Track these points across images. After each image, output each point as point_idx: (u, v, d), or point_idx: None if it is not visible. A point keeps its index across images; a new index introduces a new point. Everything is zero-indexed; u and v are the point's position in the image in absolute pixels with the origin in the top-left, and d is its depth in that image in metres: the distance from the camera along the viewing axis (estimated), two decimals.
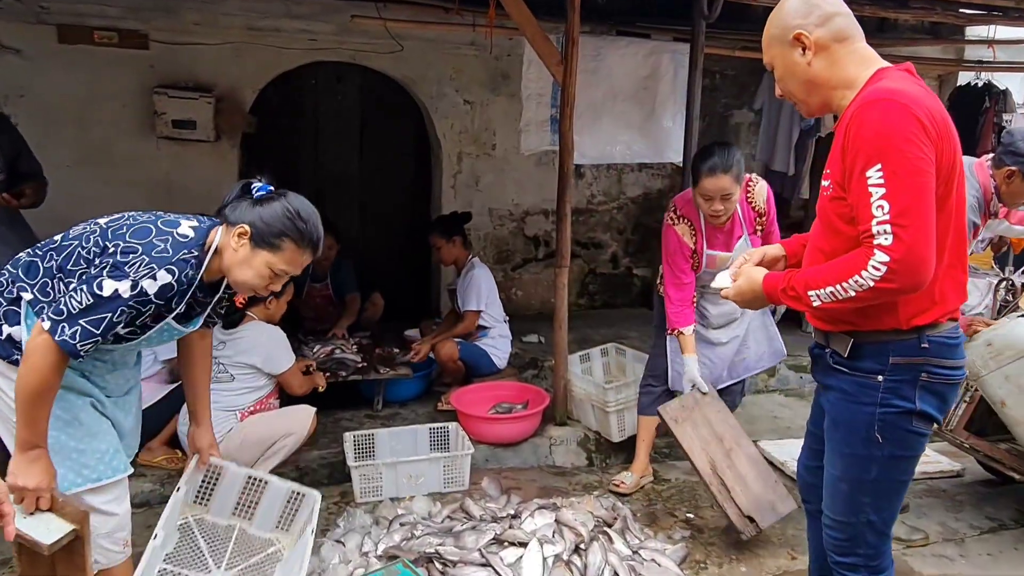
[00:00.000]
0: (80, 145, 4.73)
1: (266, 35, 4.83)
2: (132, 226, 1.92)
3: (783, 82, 1.84)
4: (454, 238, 4.36)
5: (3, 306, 1.97)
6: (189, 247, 1.91)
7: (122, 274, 1.82)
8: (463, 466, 3.40)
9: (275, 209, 1.98)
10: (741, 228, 3.13)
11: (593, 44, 4.26)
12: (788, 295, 1.78)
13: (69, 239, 1.96)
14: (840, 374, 1.86)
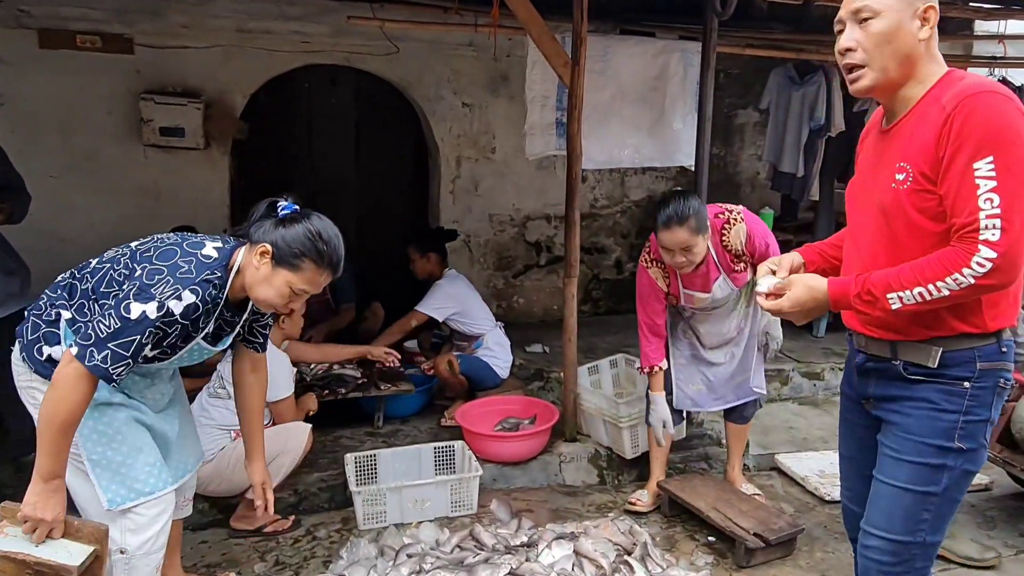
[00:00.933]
0: (64, 153, 4.55)
1: (257, 37, 4.66)
2: (159, 248, 2.00)
3: (876, 41, 1.65)
4: (428, 254, 4.23)
5: (42, 327, 2.03)
6: (212, 268, 1.97)
7: (148, 296, 1.87)
8: (471, 489, 3.23)
9: (297, 230, 2.03)
10: (717, 271, 3.03)
11: (600, 44, 4.10)
12: (863, 300, 1.65)
13: (103, 262, 2.05)
14: (919, 384, 1.74)
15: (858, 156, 1.94)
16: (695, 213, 2.81)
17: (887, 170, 1.72)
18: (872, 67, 1.67)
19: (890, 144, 1.74)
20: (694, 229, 2.80)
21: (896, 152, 1.70)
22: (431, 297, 4.13)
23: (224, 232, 4.90)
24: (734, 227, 2.96)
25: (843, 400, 2.01)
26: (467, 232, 5.38)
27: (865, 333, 1.81)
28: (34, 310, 2.07)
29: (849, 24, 1.69)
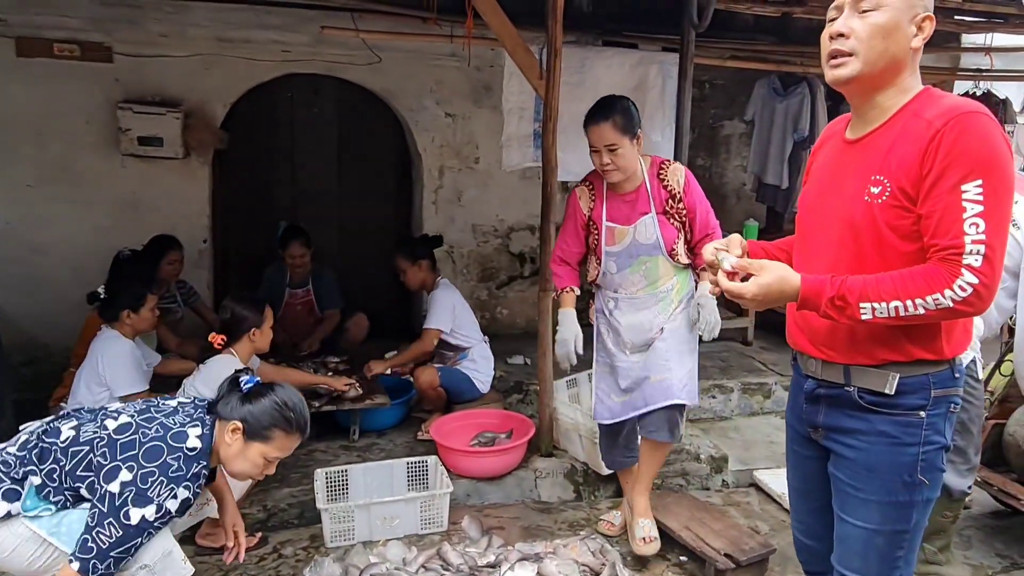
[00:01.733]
0: (40, 163, 4.51)
1: (237, 47, 4.63)
2: (144, 444, 2.06)
3: (872, 33, 1.60)
4: (420, 261, 4.16)
5: (5, 483, 2.08)
6: (199, 459, 2.11)
7: (146, 500, 1.99)
8: (442, 506, 3.18)
9: (263, 404, 2.19)
10: (648, 205, 2.88)
11: (578, 55, 4.07)
12: (834, 304, 1.57)
13: (79, 443, 2.08)
14: (875, 414, 1.68)
15: (812, 166, 1.89)
16: (623, 112, 2.76)
17: (857, 182, 1.66)
18: (859, 59, 1.62)
19: (860, 155, 1.68)
20: (620, 127, 2.74)
21: (870, 164, 1.64)
22: (436, 310, 4.07)
23: (204, 242, 4.90)
24: (672, 166, 2.93)
25: (788, 430, 1.96)
26: (450, 243, 5.34)
27: (817, 356, 1.75)
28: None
29: (848, 11, 1.64)
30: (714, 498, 3.63)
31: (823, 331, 1.73)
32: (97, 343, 3.39)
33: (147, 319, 3.42)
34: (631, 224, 2.90)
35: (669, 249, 2.91)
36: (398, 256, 4.24)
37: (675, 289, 2.97)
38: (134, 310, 3.36)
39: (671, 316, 2.96)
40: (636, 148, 2.84)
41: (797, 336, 1.81)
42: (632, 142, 2.81)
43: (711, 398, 4.55)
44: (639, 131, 2.84)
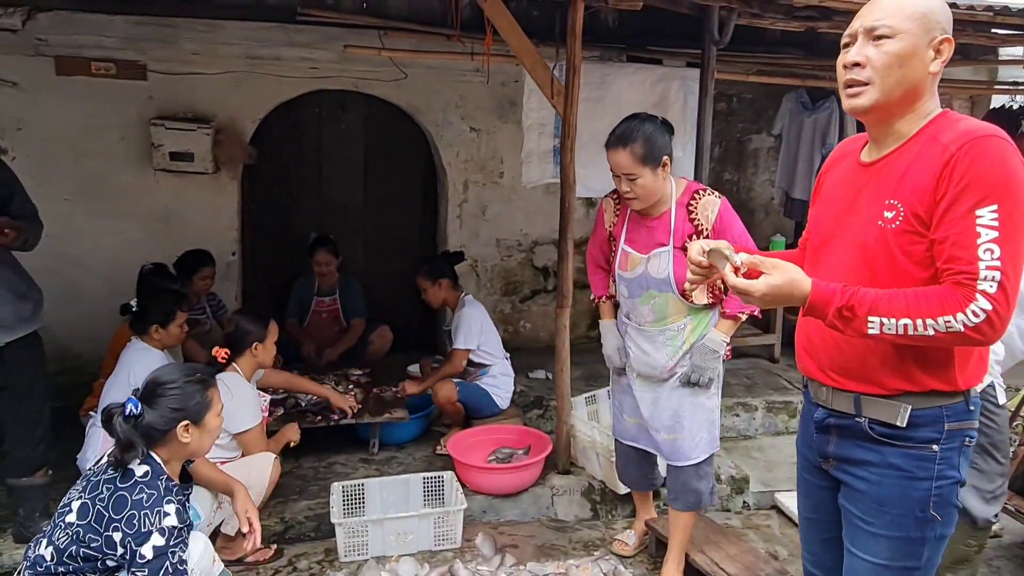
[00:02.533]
0: (77, 178, 4.65)
1: (266, 64, 4.73)
2: (108, 505, 2.14)
3: (887, 62, 1.56)
4: (440, 280, 4.18)
5: None
6: (157, 476, 2.19)
7: (146, 536, 2.10)
8: (456, 522, 3.18)
9: (174, 395, 2.27)
10: (667, 236, 2.68)
11: (599, 71, 4.07)
12: (841, 315, 1.52)
13: (66, 548, 2.14)
14: (886, 446, 1.64)
15: (823, 187, 1.85)
16: (645, 139, 2.57)
17: (872, 207, 1.62)
18: (876, 87, 1.58)
19: (875, 179, 1.65)
20: (639, 157, 2.57)
21: (885, 188, 1.61)
22: (464, 329, 4.08)
23: (232, 255, 4.99)
24: (705, 198, 2.66)
25: (799, 458, 1.92)
26: (474, 257, 5.37)
27: (827, 383, 1.71)
28: None
29: (862, 39, 1.60)
30: (733, 520, 3.57)
31: (833, 357, 1.69)
32: (127, 354, 3.46)
33: (175, 335, 3.50)
34: (646, 254, 2.75)
35: (680, 288, 2.69)
36: (418, 276, 4.26)
37: (687, 329, 2.76)
38: (163, 325, 3.43)
39: (680, 360, 2.78)
40: (662, 175, 2.65)
41: (806, 362, 1.78)
42: (655, 171, 2.62)
43: (735, 416, 4.49)
44: (665, 158, 2.64)
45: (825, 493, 1.82)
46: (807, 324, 1.76)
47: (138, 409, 2.20)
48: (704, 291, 2.72)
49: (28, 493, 3.08)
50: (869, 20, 1.60)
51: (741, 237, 2.64)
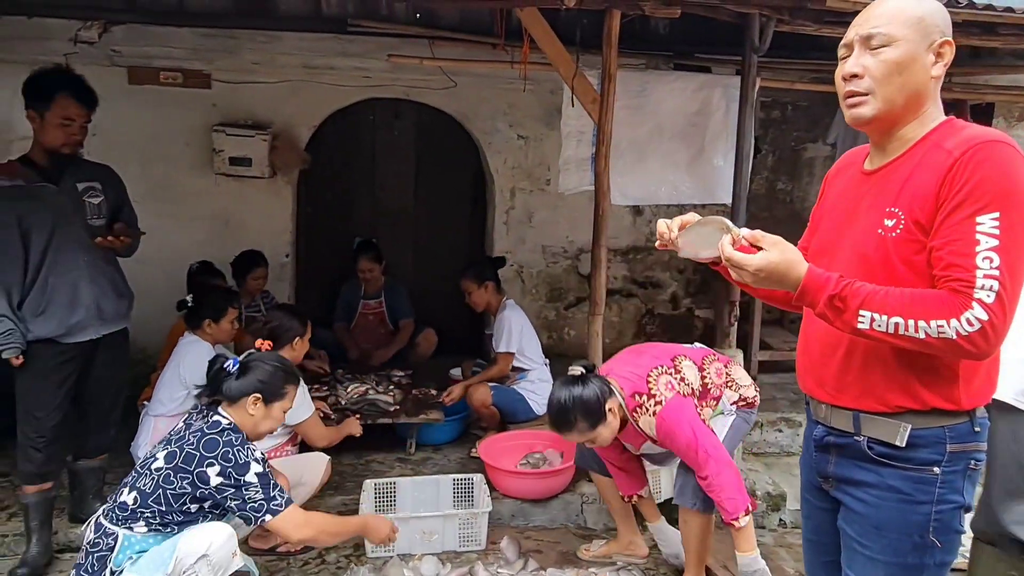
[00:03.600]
0: (146, 181, 4.90)
1: (321, 73, 4.90)
2: (197, 446, 2.36)
3: (886, 70, 1.52)
4: (486, 283, 4.24)
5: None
6: (237, 430, 2.45)
7: (244, 463, 2.35)
8: (480, 525, 3.23)
9: (267, 371, 2.54)
10: (642, 437, 2.79)
11: (638, 79, 4.06)
12: (833, 304, 1.47)
13: (151, 493, 2.33)
14: (885, 467, 1.59)
15: (825, 196, 1.81)
16: (581, 416, 2.61)
17: (872, 215, 1.58)
18: (877, 97, 1.54)
19: (877, 187, 1.61)
20: (583, 430, 2.64)
21: (886, 196, 1.57)
22: (506, 333, 4.15)
23: (286, 257, 5.19)
24: (642, 417, 2.70)
25: (801, 477, 1.87)
26: (520, 263, 5.42)
27: (827, 401, 1.67)
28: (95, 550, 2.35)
29: (858, 49, 1.57)
30: (766, 537, 3.49)
31: (832, 372, 1.65)
32: (180, 347, 3.65)
33: (226, 330, 3.66)
34: (638, 449, 2.94)
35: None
36: (464, 278, 4.33)
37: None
38: (215, 320, 3.60)
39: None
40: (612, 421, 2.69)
41: (806, 378, 1.74)
42: (606, 425, 2.66)
43: (777, 431, 4.38)
44: (608, 406, 2.65)
45: (826, 515, 1.77)
46: (807, 339, 1.73)
47: (235, 367, 2.50)
48: (728, 399, 2.86)
49: (87, 475, 3.28)
50: (865, 28, 1.56)
51: (686, 450, 2.66)
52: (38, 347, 2.92)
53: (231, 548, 2.40)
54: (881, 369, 1.57)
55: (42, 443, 2.97)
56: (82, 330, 3.00)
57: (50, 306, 2.92)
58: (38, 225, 2.90)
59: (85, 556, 2.37)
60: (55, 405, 2.98)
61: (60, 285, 2.94)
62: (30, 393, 2.97)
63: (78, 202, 3.01)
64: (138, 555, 2.32)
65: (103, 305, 3.06)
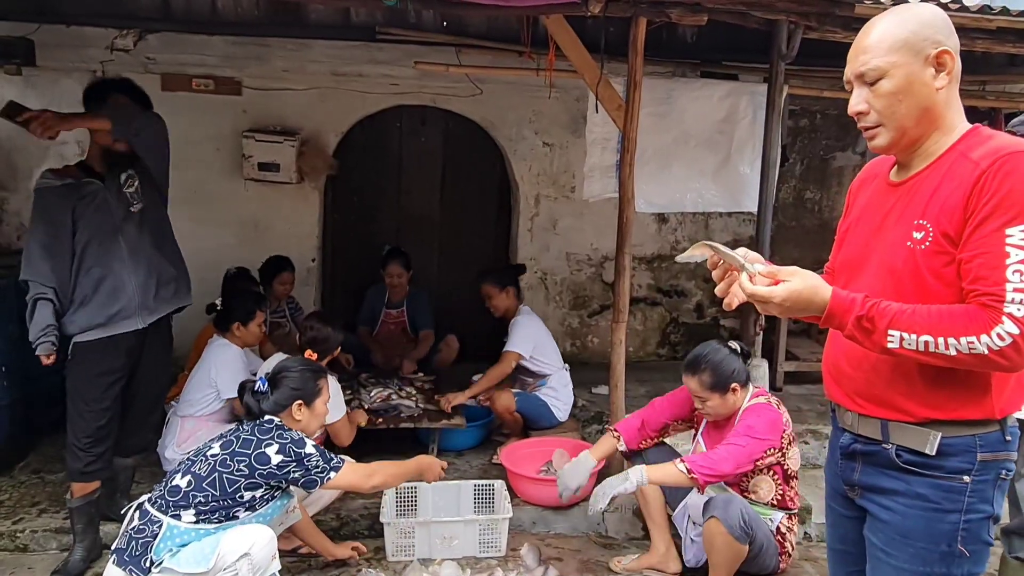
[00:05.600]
0: (177, 186, 4.88)
1: (350, 80, 4.96)
2: (253, 432, 2.57)
3: (887, 102, 1.51)
4: (507, 288, 4.24)
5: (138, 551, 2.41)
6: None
7: (301, 440, 2.55)
8: (500, 531, 3.22)
9: (296, 376, 2.71)
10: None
11: (664, 86, 4.05)
12: (861, 326, 1.46)
13: (207, 477, 2.45)
14: (914, 475, 1.57)
15: (852, 207, 1.79)
16: (713, 368, 2.87)
17: (900, 227, 1.57)
18: (888, 127, 1.54)
19: (904, 199, 1.59)
20: (707, 385, 2.88)
21: (913, 208, 1.55)
22: (518, 335, 4.14)
23: (312, 261, 5.24)
24: (756, 400, 2.93)
25: (826, 486, 1.85)
26: (544, 270, 5.42)
27: (853, 409, 1.65)
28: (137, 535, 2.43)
29: (856, 86, 1.57)
30: None
31: (859, 382, 1.63)
32: (209, 350, 3.71)
33: (254, 333, 3.71)
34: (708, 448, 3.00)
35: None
36: (486, 283, 4.33)
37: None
38: (243, 323, 3.65)
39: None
40: (731, 399, 2.92)
41: (831, 386, 1.72)
42: (723, 397, 2.91)
43: (803, 443, 4.30)
44: (733, 385, 2.90)
45: (851, 523, 1.75)
46: (834, 349, 1.71)
47: (265, 387, 2.64)
48: (772, 490, 2.93)
49: (120, 473, 3.34)
50: (856, 67, 1.56)
51: (743, 427, 2.84)
52: (88, 345, 2.98)
53: (271, 550, 2.45)
54: (910, 379, 1.55)
55: (88, 443, 3.02)
56: (126, 319, 3.04)
57: (94, 297, 2.99)
58: (84, 220, 2.99)
59: (128, 542, 2.41)
60: (104, 406, 3.03)
61: (105, 277, 3.00)
62: (79, 392, 3.02)
63: (120, 194, 3.09)
64: (179, 548, 2.37)
65: (147, 292, 3.11)
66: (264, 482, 2.47)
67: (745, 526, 2.71)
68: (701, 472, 2.69)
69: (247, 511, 2.47)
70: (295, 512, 2.92)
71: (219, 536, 2.39)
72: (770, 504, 2.94)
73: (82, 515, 3.09)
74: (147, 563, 2.35)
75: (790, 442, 2.94)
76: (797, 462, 2.98)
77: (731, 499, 2.79)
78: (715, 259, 1.61)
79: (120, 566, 2.38)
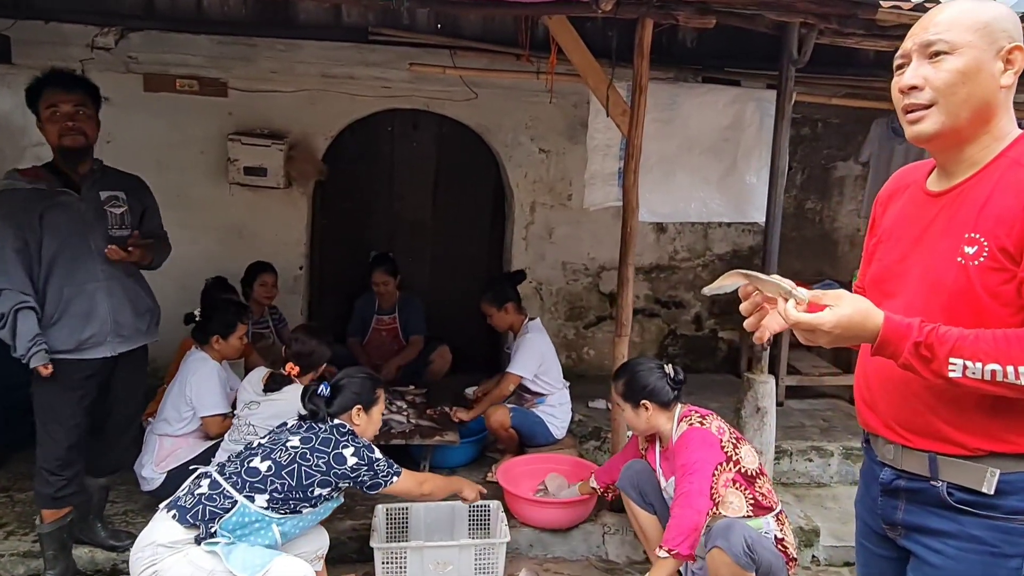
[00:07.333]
0: (160, 190, 4.67)
1: (340, 82, 4.80)
2: (331, 432, 2.67)
3: (950, 80, 1.39)
4: (506, 305, 4.07)
5: (199, 518, 2.43)
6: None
7: (370, 447, 2.71)
8: (498, 556, 3.06)
9: (357, 383, 2.82)
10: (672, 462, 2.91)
11: (669, 92, 3.92)
12: (919, 354, 1.33)
13: (286, 466, 2.54)
14: (967, 515, 1.42)
15: (881, 222, 1.65)
16: (629, 379, 2.95)
17: (946, 241, 1.43)
18: (940, 110, 1.41)
19: (948, 210, 1.46)
20: (619, 392, 2.98)
21: (962, 220, 1.42)
22: (523, 356, 3.97)
23: (300, 269, 5.07)
24: (682, 423, 2.88)
25: (858, 522, 1.70)
26: (539, 279, 5.28)
27: (895, 440, 1.50)
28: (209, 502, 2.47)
29: (916, 59, 1.44)
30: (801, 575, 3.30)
31: (898, 409, 1.49)
32: (186, 363, 3.53)
33: (235, 347, 3.54)
34: (667, 480, 2.94)
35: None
36: (483, 302, 4.17)
37: None
38: (223, 336, 3.47)
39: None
40: (644, 415, 2.93)
41: (866, 415, 1.58)
42: (637, 412, 2.94)
43: (807, 461, 4.19)
44: (643, 401, 2.91)
45: (889, 565, 1.60)
46: (865, 370, 1.57)
47: (327, 392, 2.73)
48: (743, 502, 2.77)
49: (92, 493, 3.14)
50: (924, 36, 1.42)
51: (681, 468, 2.74)
52: (55, 364, 2.77)
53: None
54: (960, 406, 1.41)
55: (58, 466, 2.85)
56: (96, 346, 2.86)
57: (63, 318, 2.79)
58: (53, 229, 2.78)
59: (195, 504, 2.45)
60: (73, 424, 2.85)
61: (75, 297, 2.81)
62: (48, 412, 2.84)
63: (99, 211, 2.88)
64: (239, 536, 2.44)
65: (120, 320, 2.91)
66: (336, 481, 2.59)
67: (749, 551, 2.58)
68: (678, 544, 2.59)
69: (311, 507, 2.59)
70: (318, 563, 2.84)
71: (273, 555, 2.46)
72: (748, 515, 2.77)
73: (53, 541, 2.90)
74: (213, 530, 2.41)
75: (735, 445, 2.83)
76: (753, 459, 2.85)
77: (731, 524, 2.64)
78: (748, 289, 1.48)
79: (182, 523, 2.42)
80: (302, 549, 2.69)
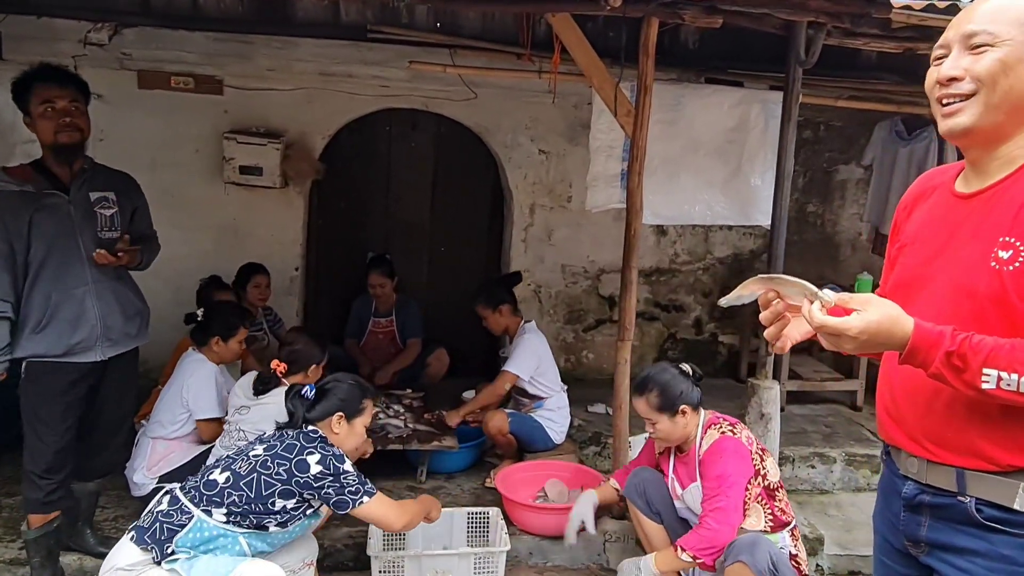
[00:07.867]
0: (153, 188, 4.59)
1: (338, 81, 4.74)
2: (297, 439, 2.49)
3: (991, 71, 1.34)
4: (500, 307, 4.01)
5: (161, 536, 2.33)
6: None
7: (341, 457, 2.46)
8: (497, 564, 3.00)
9: (344, 390, 2.63)
10: (695, 472, 2.82)
11: (673, 92, 3.86)
12: (951, 364, 1.27)
13: (245, 476, 2.38)
14: (997, 533, 1.36)
15: (906, 227, 1.59)
16: (661, 389, 2.79)
17: (978, 245, 1.38)
18: (979, 102, 1.35)
19: (980, 212, 1.41)
20: (654, 406, 2.79)
21: (995, 223, 1.36)
22: (519, 355, 3.91)
23: (296, 270, 5.00)
24: (710, 431, 2.80)
25: (877, 537, 1.64)
26: (538, 282, 5.22)
27: (919, 454, 1.44)
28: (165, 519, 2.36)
29: (957, 50, 1.39)
30: None
31: (925, 422, 1.43)
32: (183, 364, 3.45)
33: (234, 351, 3.47)
34: (683, 489, 2.87)
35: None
36: (477, 303, 4.11)
37: None
38: (224, 339, 3.40)
39: None
40: (681, 421, 2.81)
41: (889, 427, 1.52)
42: (673, 420, 2.80)
43: (810, 468, 4.14)
44: (682, 407, 2.79)
45: None
46: (890, 379, 1.51)
47: (311, 395, 2.58)
48: (761, 516, 2.73)
49: (81, 498, 3.06)
50: (965, 27, 1.37)
51: (715, 480, 2.68)
52: (41, 365, 2.71)
53: None
54: (990, 418, 1.35)
55: (47, 470, 2.77)
56: (85, 351, 2.78)
57: (51, 323, 2.71)
58: (41, 234, 2.69)
59: (152, 522, 2.34)
60: (63, 428, 2.78)
61: (63, 302, 2.73)
62: (36, 415, 2.76)
63: (89, 213, 2.80)
64: (202, 544, 2.31)
65: (109, 324, 2.83)
66: (299, 492, 2.38)
67: (774, 568, 2.52)
68: (705, 554, 2.59)
69: (277, 526, 2.41)
70: (308, 571, 2.73)
71: (237, 562, 2.32)
72: (766, 530, 2.73)
73: (40, 547, 2.82)
74: (169, 550, 2.29)
75: (761, 457, 2.80)
76: (776, 472, 2.84)
77: (756, 540, 2.58)
78: (767, 297, 1.42)
79: (139, 544, 2.31)
80: (286, 559, 2.57)
